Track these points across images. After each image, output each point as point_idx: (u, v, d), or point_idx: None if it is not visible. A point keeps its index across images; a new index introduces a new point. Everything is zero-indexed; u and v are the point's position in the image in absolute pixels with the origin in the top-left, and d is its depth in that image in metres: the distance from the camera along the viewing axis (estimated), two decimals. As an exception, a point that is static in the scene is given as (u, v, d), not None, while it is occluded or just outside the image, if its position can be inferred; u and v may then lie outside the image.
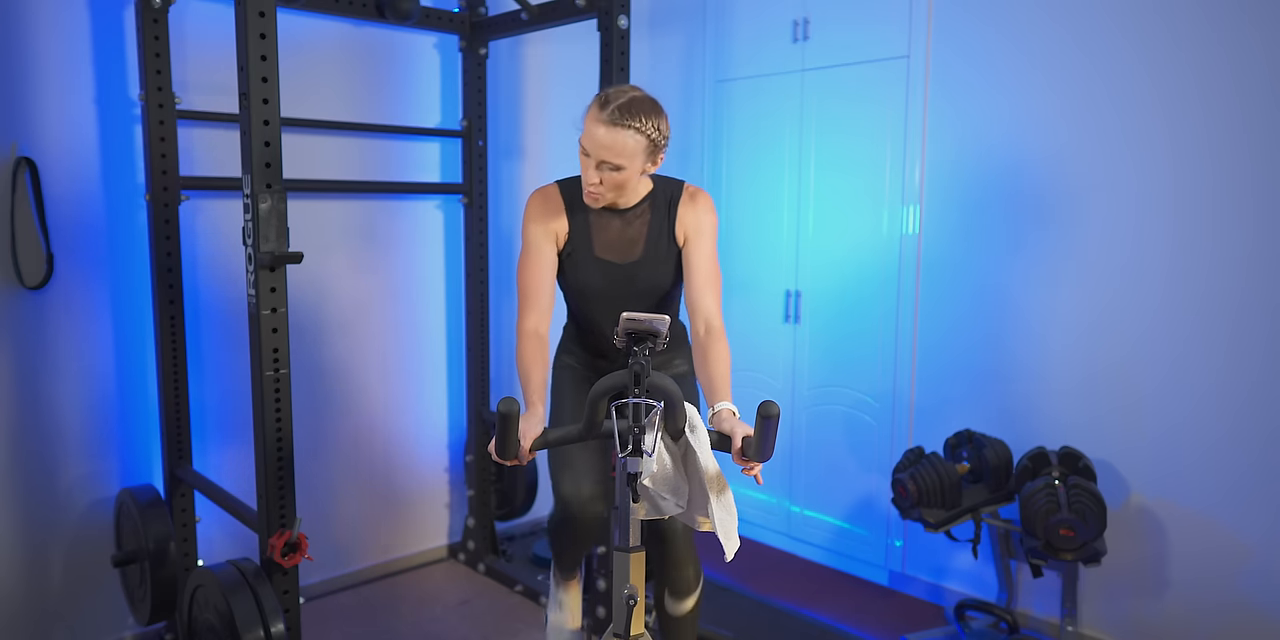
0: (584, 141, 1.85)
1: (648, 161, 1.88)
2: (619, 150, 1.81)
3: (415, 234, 3.36)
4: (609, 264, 2.03)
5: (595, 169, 1.85)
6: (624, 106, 1.81)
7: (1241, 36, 2.45)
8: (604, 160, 1.83)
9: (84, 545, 2.70)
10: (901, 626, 3.04)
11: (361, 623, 3.02)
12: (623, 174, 1.85)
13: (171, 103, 2.57)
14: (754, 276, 3.67)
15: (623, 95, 1.84)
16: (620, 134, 1.80)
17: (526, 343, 1.92)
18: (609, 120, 1.80)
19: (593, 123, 1.83)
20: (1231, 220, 2.50)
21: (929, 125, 3.11)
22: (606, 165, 1.84)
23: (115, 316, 2.69)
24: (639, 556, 1.62)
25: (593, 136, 1.82)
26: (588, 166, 1.86)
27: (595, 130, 1.82)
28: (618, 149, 1.81)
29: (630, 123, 1.80)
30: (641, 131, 1.81)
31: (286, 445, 2.21)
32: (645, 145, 1.84)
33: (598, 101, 1.84)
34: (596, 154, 1.83)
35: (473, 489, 3.44)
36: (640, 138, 1.82)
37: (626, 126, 1.80)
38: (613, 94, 1.84)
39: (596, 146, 1.82)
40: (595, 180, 1.86)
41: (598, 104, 1.84)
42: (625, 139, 1.81)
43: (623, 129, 1.80)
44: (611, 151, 1.81)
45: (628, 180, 1.88)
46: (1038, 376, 2.91)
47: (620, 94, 1.84)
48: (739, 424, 1.63)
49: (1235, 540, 2.54)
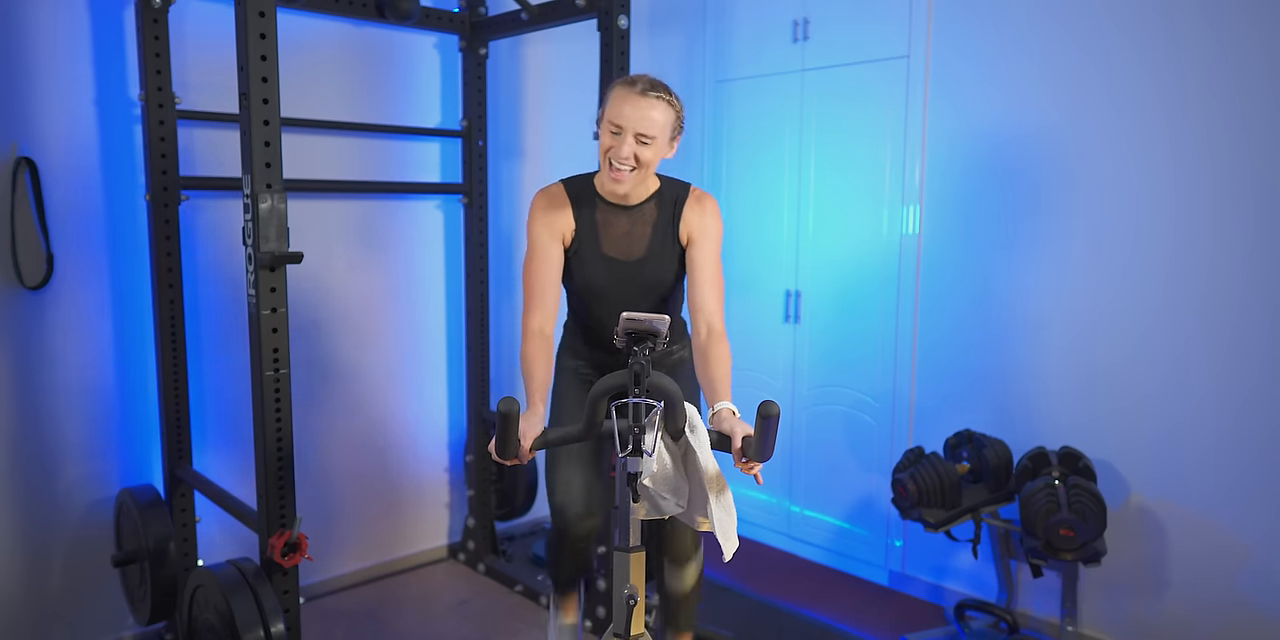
0: (614, 118, 1.89)
1: (670, 141, 1.95)
2: (653, 120, 1.88)
3: (415, 234, 3.36)
4: (614, 261, 2.04)
5: (628, 144, 1.88)
6: (652, 82, 1.91)
7: (1241, 36, 2.45)
8: (639, 132, 1.88)
9: (84, 545, 2.70)
10: (901, 626, 3.04)
11: (361, 623, 3.02)
12: (652, 149, 1.91)
13: (171, 103, 2.57)
14: (754, 276, 3.67)
15: (645, 76, 1.94)
16: (655, 103, 1.88)
17: (531, 342, 1.93)
18: (641, 92, 1.88)
19: (623, 98, 1.88)
20: (1231, 220, 2.50)
21: (929, 125, 3.11)
22: (641, 138, 1.88)
23: (115, 316, 2.69)
24: (639, 556, 1.62)
25: (630, 108, 1.87)
26: (619, 143, 1.89)
27: (628, 103, 1.88)
28: (652, 118, 1.87)
29: (662, 95, 1.90)
30: (671, 104, 1.91)
31: (286, 445, 2.21)
32: (673, 120, 1.92)
33: (624, 82, 1.92)
34: (632, 125, 1.87)
35: (473, 489, 3.44)
36: (670, 110, 1.91)
37: (659, 97, 1.89)
38: (636, 76, 1.93)
39: (632, 118, 1.87)
40: (628, 154, 1.89)
41: (625, 84, 1.91)
42: (659, 108, 1.88)
43: (656, 99, 1.88)
44: (647, 121, 1.87)
45: (654, 159, 1.93)
46: (1038, 376, 2.91)
47: (641, 76, 1.94)
48: (739, 424, 1.63)
49: (1235, 540, 2.54)
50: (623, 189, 1.95)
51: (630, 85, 1.89)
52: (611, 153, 1.91)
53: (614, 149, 1.90)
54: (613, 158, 1.91)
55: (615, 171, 1.92)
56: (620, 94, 1.89)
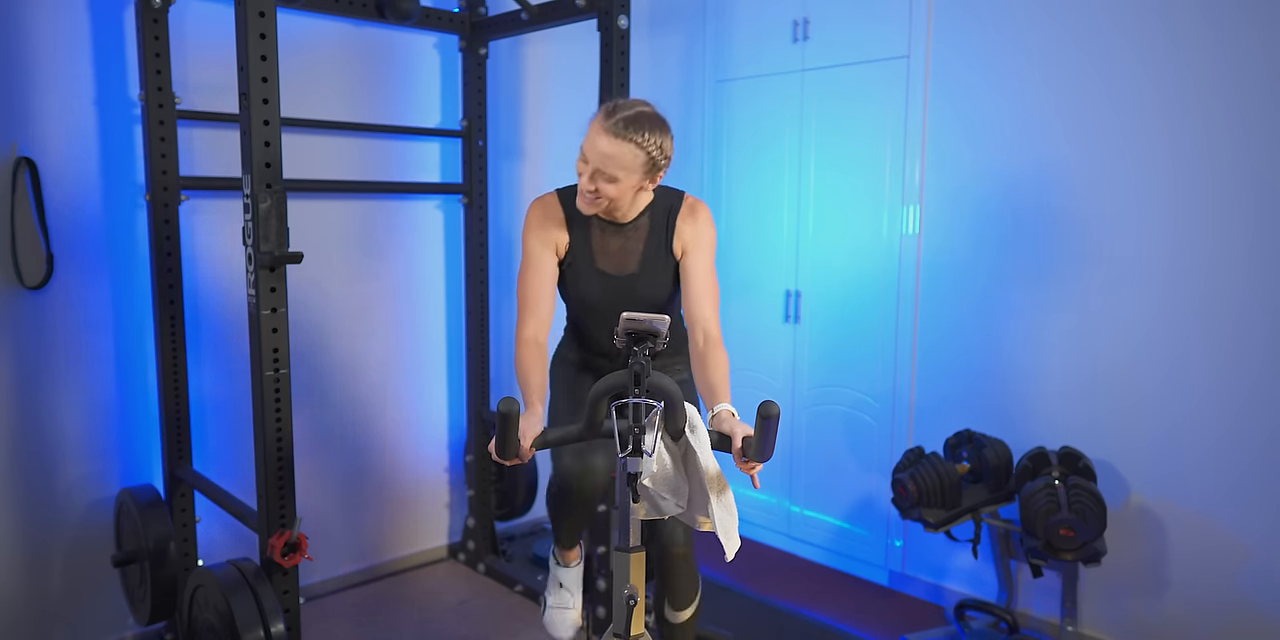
0: (585, 147, 1.83)
1: (646, 178, 1.86)
2: (616, 162, 1.79)
3: (415, 234, 3.36)
4: (608, 276, 2.03)
5: (590, 177, 1.84)
6: (629, 119, 1.79)
7: (1240, 36, 2.45)
8: (599, 169, 1.81)
9: (84, 545, 2.70)
10: (901, 626, 3.04)
11: (361, 623, 3.02)
12: (617, 187, 1.83)
13: (171, 103, 2.57)
14: (754, 276, 3.67)
15: (630, 108, 1.82)
16: (620, 146, 1.78)
17: (525, 350, 1.92)
18: (611, 130, 1.78)
19: (596, 131, 1.81)
20: (1231, 220, 2.50)
21: (929, 125, 3.11)
22: (601, 175, 1.82)
23: (115, 316, 2.69)
24: (639, 556, 1.62)
25: (593, 144, 1.81)
26: (584, 172, 1.85)
27: (597, 139, 1.80)
28: (616, 160, 1.79)
29: (632, 136, 1.78)
30: (643, 147, 1.80)
31: (286, 445, 2.21)
32: (644, 161, 1.82)
33: (605, 110, 1.82)
34: (594, 162, 1.81)
35: (473, 489, 3.44)
36: (640, 153, 1.80)
37: (628, 139, 1.78)
38: (621, 105, 1.83)
39: (595, 155, 1.80)
40: (590, 187, 1.85)
41: (604, 112, 1.82)
42: (625, 151, 1.79)
43: (624, 141, 1.78)
44: (610, 162, 1.80)
45: (622, 194, 1.86)
46: (1038, 376, 2.91)
47: (629, 106, 1.82)
48: (739, 424, 1.63)
49: (1235, 540, 2.54)
50: (590, 212, 1.92)
51: (608, 117, 1.79)
52: (579, 178, 1.87)
53: (582, 177, 1.86)
54: (580, 184, 1.87)
55: (581, 197, 1.88)
56: (596, 125, 1.81)
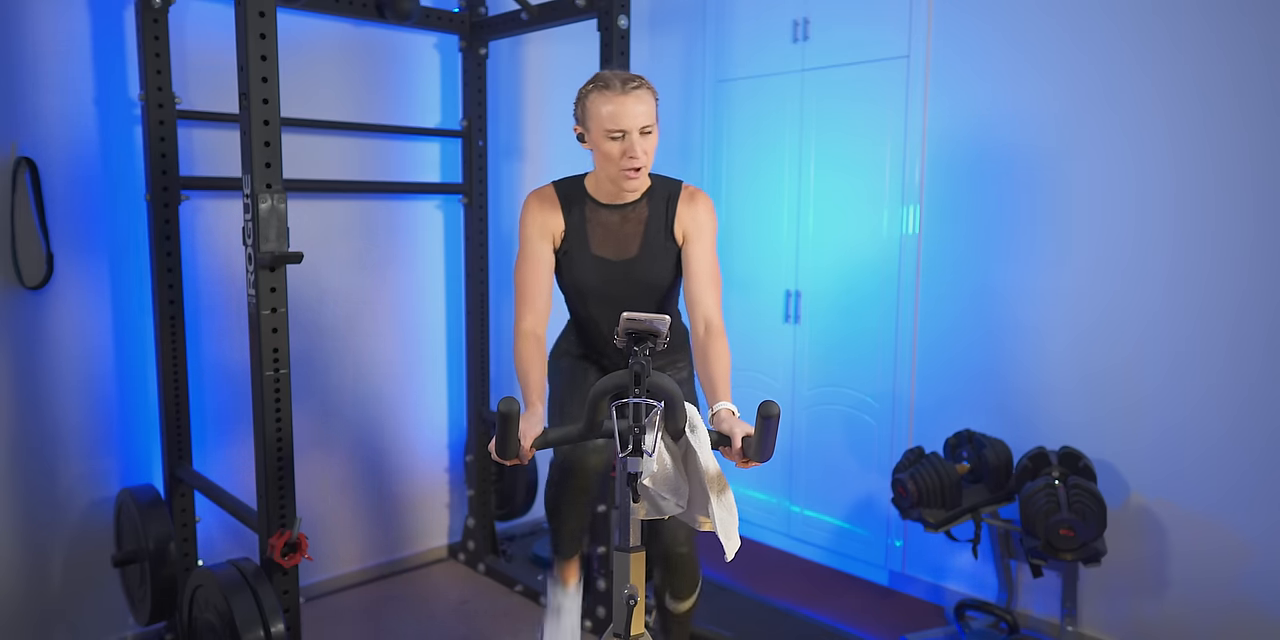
0: (610, 125, 1.86)
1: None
2: (650, 111, 1.88)
3: (415, 234, 3.36)
4: (605, 261, 2.03)
5: (637, 142, 1.87)
6: (626, 76, 1.88)
7: (1241, 36, 2.45)
8: (640, 129, 1.87)
9: (84, 545, 2.70)
10: (901, 626, 3.04)
11: (361, 623, 3.02)
12: (654, 136, 1.91)
13: (171, 103, 2.58)
14: (754, 276, 3.67)
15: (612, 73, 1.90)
16: (645, 95, 1.87)
17: (524, 343, 1.93)
18: (625, 90, 1.85)
19: (611, 101, 1.85)
20: (1232, 220, 2.50)
21: (929, 125, 3.11)
22: (645, 130, 1.87)
23: (115, 316, 2.69)
24: (639, 556, 1.62)
25: (625, 110, 1.85)
26: (628, 144, 1.87)
27: (619, 104, 1.85)
28: (649, 111, 1.87)
29: (643, 83, 1.88)
30: (650, 89, 1.90)
31: (286, 445, 2.21)
32: (655, 104, 1.91)
33: (599, 87, 1.88)
34: (634, 122, 1.86)
35: (473, 489, 3.44)
36: (651, 93, 1.90)
37: (644, 87, 1.88)
38: (605, 75, 1.90)
39: (630, 118, 1.85)
40: (639, 152, 1.88)
41: (600, 88, 1.88)
42: (648, 98, 1.88)
43: (643, 90, 1.87)
44: (645, 116, 1.86)
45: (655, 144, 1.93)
46: (1038, 376, 2.91)
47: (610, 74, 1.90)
48: (739, 424, 1.63)
49: (1235, 540, 2.54)
50: (639, 184, 1.95)
51: (607, 88, 1.86)
52: (624, 158, 1.88)
53: (625, 152, 1.88)
54: (625, 163, 1.89)
55: (630, 173, 1.90)
56: (604, 99, 1.86)
